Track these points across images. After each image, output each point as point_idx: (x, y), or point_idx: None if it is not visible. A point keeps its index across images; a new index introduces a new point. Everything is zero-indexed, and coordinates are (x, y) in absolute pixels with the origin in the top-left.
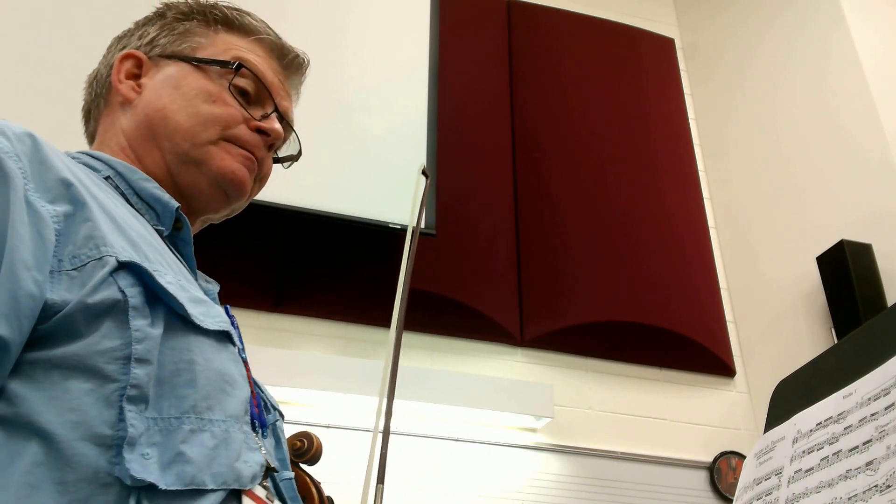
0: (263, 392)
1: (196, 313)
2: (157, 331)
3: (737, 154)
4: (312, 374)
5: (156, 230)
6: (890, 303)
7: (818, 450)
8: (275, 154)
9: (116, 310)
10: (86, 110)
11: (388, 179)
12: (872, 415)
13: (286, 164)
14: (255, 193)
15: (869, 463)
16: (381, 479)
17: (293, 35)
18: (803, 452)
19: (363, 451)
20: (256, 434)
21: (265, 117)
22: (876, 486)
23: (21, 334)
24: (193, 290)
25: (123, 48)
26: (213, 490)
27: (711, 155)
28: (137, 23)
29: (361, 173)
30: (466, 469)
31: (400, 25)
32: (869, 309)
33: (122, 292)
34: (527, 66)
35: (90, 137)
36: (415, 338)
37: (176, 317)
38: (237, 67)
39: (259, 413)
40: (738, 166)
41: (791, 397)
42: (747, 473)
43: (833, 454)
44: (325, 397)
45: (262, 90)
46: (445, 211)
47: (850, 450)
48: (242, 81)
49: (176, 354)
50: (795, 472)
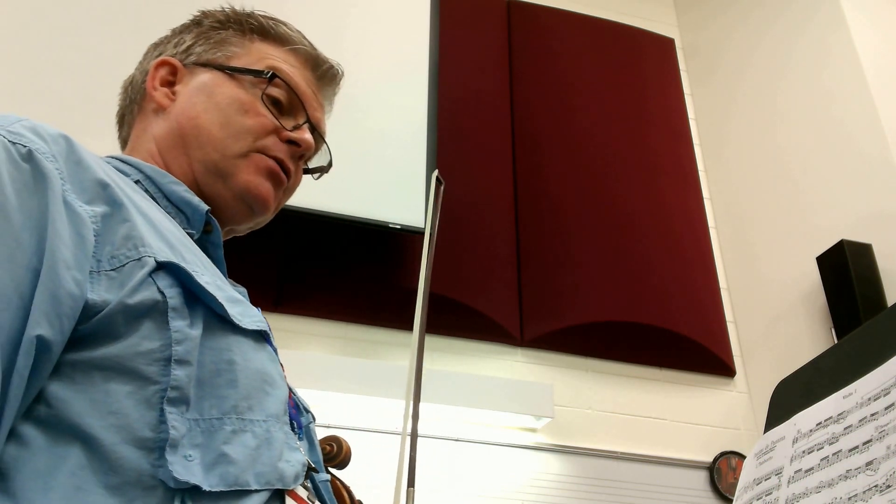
0: (296, 394)
1: (234, 313)
2: (197, 331)
3: (737, 154)
4: (312, 375)
5: (186, 233)
6: (890, 303)
7: (818, 450)
8: (305, 165)
9: (156, 311)
10: (120, 115)
11: (388, 179)
12: (872, 415)
13: (316, 176)
14: (283, 203)
15: (869, 463)
16: (412, 482)
17: None
18: (803, 452)
19: (365, 451)
20: (295, 434)
21: (297, 128)
22: (876, 486)
23: (62, 334)
24: (229, 290)
25: (159, 55)
26: (257, 490)
27: (711, 155)
28: (174, 30)
29: (361, 173)
30: (466, 469)
31: (400, 25)
32: (869, 309)
33: (162, 293)
34: (527, 66)
35: (123, 142)
36: None
37: (215, 317)
38: (271, 77)
39: (295, 414)
40: (738, 166)
41: (791, 397)
42: (747, 473)
43: (833, 454)
44: (325, 397)
45: (295, 101)
46: (445, 211)
47: (850, 450)
48: (276, 91)
49: (216, 355)
50: (795, 472)
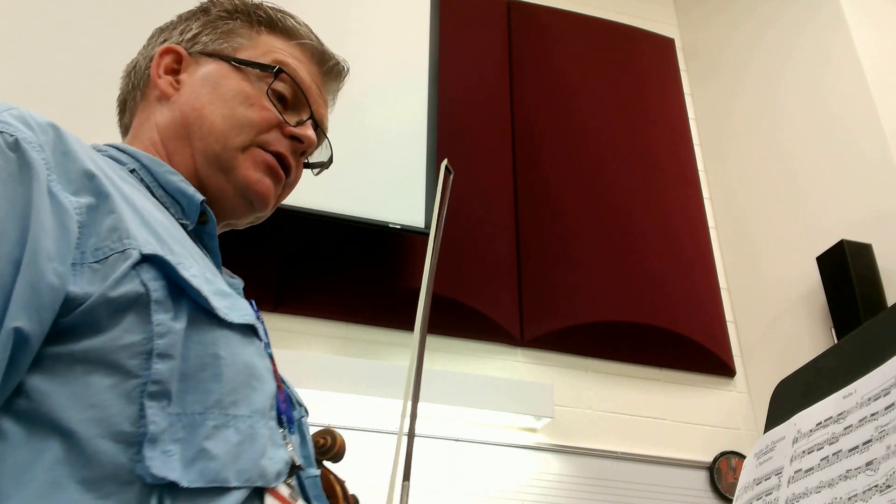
0: (289, 387)
1: (221, 306)
2: (180, 325)
3: (737, 154)
4: (312, 375)
5: (180, 224)
6: (890, 303)
7: (818, 450)
8: (306, 160)
9: (139, 303)
10: (121, 101)
11: (388, 179)
12: (872, 415)
13: (316, 171)
14: (283, 199)
15: (869, 463)
16: (407, 477)
17: None
18: (803, 452)
19: (363, 451)
20: (284, 429)
21: (300, 124)
22: (876, 486)
23: (42, 327)
24: (219, 283)
25: (164, 41)
26: (237, 488)
27: (711, 155)
28: (181, 16)
29: (361, 173)
30: (466, 469)
31: (400, 25)
32: (869, 309)
33: (145, 286)
34: (527, 66)
35: (124, 129)
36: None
37: (200, 310)
38: (277, 72)
39: (287, 408)
40: (738, 166)
41: (791, 397)
42: (747, 473)
43: (833, 454)
44: (325, 397)
45: (300, 96)
46: (446, 210)
47: (851, 450)
48: (281, 86)
49: (201, 348)
50: (795, 472)
